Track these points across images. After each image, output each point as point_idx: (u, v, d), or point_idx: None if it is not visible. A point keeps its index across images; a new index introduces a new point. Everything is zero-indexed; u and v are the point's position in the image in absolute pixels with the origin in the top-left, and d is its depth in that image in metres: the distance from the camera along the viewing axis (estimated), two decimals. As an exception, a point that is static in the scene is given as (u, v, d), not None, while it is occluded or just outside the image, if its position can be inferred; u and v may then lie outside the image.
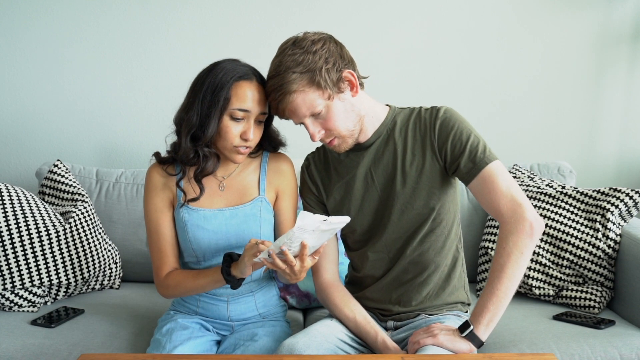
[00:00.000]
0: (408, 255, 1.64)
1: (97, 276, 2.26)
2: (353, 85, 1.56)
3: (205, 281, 1.64)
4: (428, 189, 1.61)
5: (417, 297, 1.67)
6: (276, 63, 1.53)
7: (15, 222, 2.08)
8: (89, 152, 2.65)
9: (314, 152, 1.78)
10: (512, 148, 2.61)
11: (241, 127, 1.61)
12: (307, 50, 1.50)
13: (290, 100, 1.52)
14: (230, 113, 1.59)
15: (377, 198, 1.65)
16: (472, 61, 2.63)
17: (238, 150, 1.63)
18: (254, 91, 1.60)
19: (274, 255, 1.45)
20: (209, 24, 2.58)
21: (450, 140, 1.57)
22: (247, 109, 1.59)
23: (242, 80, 1.60)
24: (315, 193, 1.73)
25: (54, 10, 2.57)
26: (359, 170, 1.65)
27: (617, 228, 2.10)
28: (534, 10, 2.59)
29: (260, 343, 1.65)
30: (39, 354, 1.79)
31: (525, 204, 1.51)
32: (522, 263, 1.49)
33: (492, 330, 1.90)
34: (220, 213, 1.70)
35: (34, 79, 2.61)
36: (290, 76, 1.49)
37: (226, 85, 1.58)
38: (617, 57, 2.62)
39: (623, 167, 2.70)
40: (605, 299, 2.07)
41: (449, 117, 1.59)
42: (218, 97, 1.58)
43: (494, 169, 1.54)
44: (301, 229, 1.37)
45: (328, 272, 1.70)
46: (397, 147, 1.62)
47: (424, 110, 1.64)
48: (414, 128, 1.62)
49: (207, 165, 1.66)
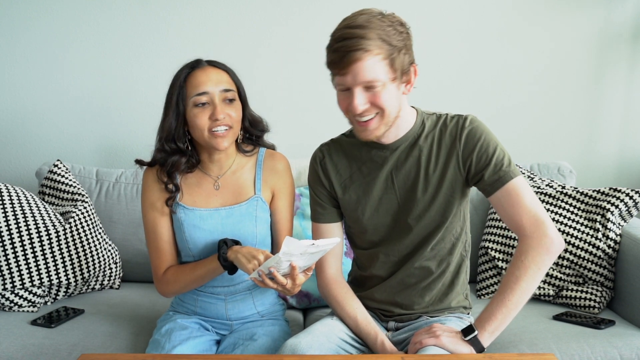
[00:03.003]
0: (416, 260, 1.63)
1: (97, 276, 2.26)
2: (409, 82, 1.54)
3: (204, 270, 1.66)
4: (446, 197, 1.60)
5: (420, 302, 1.67)
6: (363, 18, 1.45)
7: (15, 222, 2.08)
8: (89, 152, 2.65)
9: (329, 144, 1.71)
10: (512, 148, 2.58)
11: (209, 111, 1.64)
12: (396, 28, 1.47)
13: (361, 57, 1.43)
14: (192, 102, 1.64)
15: (395, 202, 1.63)
16: (472, 61, 2.62)
17: (215, 134, 1.63)
18: (207, 74, 1.66)
19: (264, 276, 1.46)
20: (209, 24, 2.58)
21: (477, 152, 1.56)
22: (204, 91, 1.64)
23: (194, 70, 1.67)
24: (327, 187, 1.69)
25: (54, 10, 2.57)
26: (382, 171, 1.63)
27: (617, 228, 2.10)
28: (534, 10, 2.59)
29: (259, 342, 1.65)
30: (39, 354, 1.79)
31: (547, 222, 1.52)
32: (538, 278, 1.50)
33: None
34: (216, 212, 1.70)
35: (34, 79, 2.61)
36: (374, 35, 1.43)
37: (178, 80, 1.66)
38: (617, 57, 2.61)
39: (623, 167, 2.70)
40: (605, 299, 2.07)
41: (475, 127, 1.58)
42: (174, 92, 1.66)
43: (518, 184, 1.54)
44: (286, 254, 1.38)
45: (332, 268, 1.70)
46: (422, 154, 1.60)
47: (449, 118, 1.62)
48: (439, 136, 1.60)
49: (172, 159, 1.69)
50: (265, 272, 1.45)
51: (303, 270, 1.49)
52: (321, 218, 1.70)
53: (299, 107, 2.63)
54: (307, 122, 2.62)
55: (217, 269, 1.63)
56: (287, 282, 1.47)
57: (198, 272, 1.67)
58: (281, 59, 2.60)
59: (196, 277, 1.67)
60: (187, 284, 1.70)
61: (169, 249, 1.73)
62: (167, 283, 1.72)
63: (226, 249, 1.60)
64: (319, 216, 1.70)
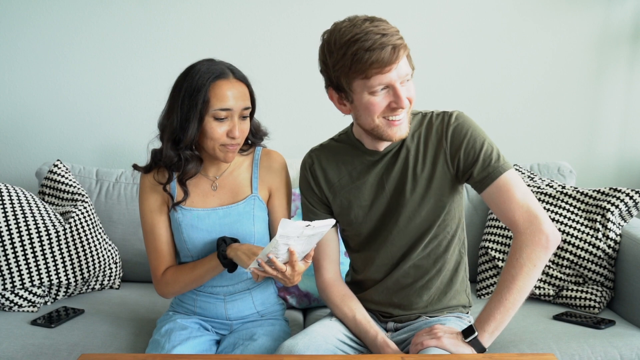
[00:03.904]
0: (410, 259, 1.63)
1: (97, 276, 2.26)
2: None
3: (203, 269, 1.66)
4: (436, 196, 1.58)
5: (418, 301, 1.66)
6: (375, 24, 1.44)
7: (15, 222, 2.08)
8: (89, 152, 2.65)
9: (318, 149, 1.71)
10: (512, 148, 2.61)
11: (226, 126, 1.61)
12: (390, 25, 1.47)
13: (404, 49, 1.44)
14: (212, 114, 1.59)
15: (386, 203, 1.63)
16: (472, 62, 2.62)
17: (227, 148, 1.63)
18: (233, 88, 1.61)
19: (263, 263, 1.46)
20: (208, 24, 2.58)
21: (464, 148, 1.54)
22: (229, 107, 1.60)
23: (219, 80, 1.60)
24: (318, 193, 1.69)
25: (54, 10, 2.57)
26: (371, 175, 1.63)
27: (617, 228, 2.10)
28: (534, 10, 2.59)
29: (259, 342, 1.65)
30: (39, 354, 1.79)
31: (541, 216, 1.49)
32: (534, 275, 1.48)
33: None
34: (214, 212, 1.70)
35: (34, 79, 2.61)
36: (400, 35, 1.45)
37: (203, 88, 1.58)
38: (617, 57, 2.61)
39: (623, 167, 2.70)
40: (605, 299, 2.07)
41: (461, 123, 1.56)
42: (196, 100, 1.58)
43: (509, 178, 1.51)
44: (283, 236, 1.37)
45: (329, 272, 1.70)
46: (410, 154, 1.59)
47: (435, 115, 1.60)
48: (426, 134, 1.59)
49: (188, 168, 1.66)
50: (265, 260, 1.45)
51: (302, 258, 1.49)
52: None
53: (298, 107, 2.63)
54: (306, 122, 2.62)
55: (216, 267, 1.63)
56: (286, 268, 1.46)
57: (197, 272, 1.67)
58: (281, 59, 2.60)
59: (196, 276, 1.67)
60: (187, 284, 1.70)
61: (167, 250, 1.73)
62: (166, 284, 1.72)
63: (225, 247, 1.60)
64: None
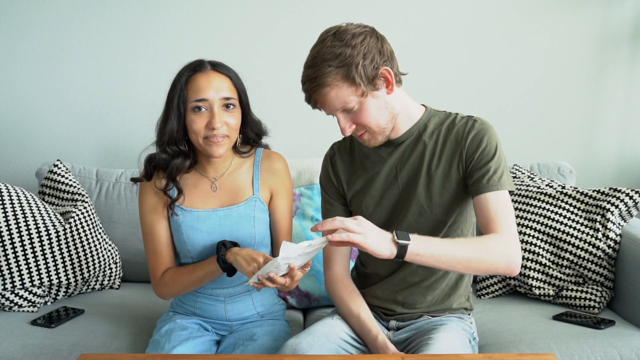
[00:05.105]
0: None
1: (97, 276, 2.26)
2: (389, 82, 1.53)
3: (202, 273, 1.65)
4: (450, 196, 1.59)
5: (422, 301, 1.67)
6: (314, 53, 1.50)
7: (15, 222, 2.08)
8: (89, 152, 2.65)
9: (340, 141, 1.75)
10: (512, 148, 2.61)
11: (206, 118, 1.62)
12: (347, 43, 1.47)
13: (323, 93, 1.49)
14: (191, 107, 1.62)
15: (397, 195, 1.64)
16: (472, 61, 2.62)
17: (211, 141, 1.62)
18: (209, 79, 1.63)
19: (264, 280, 1.46)
20: (209, 24, 2.58)
21: (479, 153, 1.56)
22: (204, 97, 1.61)
23: (196, 73, 1.64)
24: (336, 185, 1.71)
25: (54, 10, 2.57)
26: (385, 166, 1.64)
27: (617, 228, 2.10)
28: (534, 10, 2.59)
29: (259, 342, 1.65)
30: (39, 354, 1.79)
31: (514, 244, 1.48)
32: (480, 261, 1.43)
33: (492, 331, 1.91)
34: (214, 213, 1.70)
35: (34, 79, 2.61)
36: (326, 69, 1.47)
37: (179, 83, 1.63)
38: (617, 57, 2.61)
39: (623, 167, 2.70)
40: (605, 299, 2.07)
41: (484, 129, 1.58)
42: (174, 95, 1.63)
43: (500, 198, 1.52)
44: (285, 258, 1.39)
45: (339, 265, 1.70)
46: (427, 149, 1.60)
47: (459, 117, 1.62)
48: (446, 133, 1.60)
49: (174, 162, 1.67)
50: (265, 277, 1.46)
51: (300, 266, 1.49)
52: (328, 215, 1.71)
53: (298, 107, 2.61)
54: (306, 122, 2.62)
55: (216, 271, 1.63)
56: (286, 281, 1.47)
57: (197, 274, 1.67)
58: (281, 59, 2.60)
59: (195, 279, 1.67)
60: (186, 286, 1.70)
61: (166, 251, 1.73)
62: (165, 285, 1.71)
63: (225, 251, 1.60)
64: (327, 213, 1.72)
